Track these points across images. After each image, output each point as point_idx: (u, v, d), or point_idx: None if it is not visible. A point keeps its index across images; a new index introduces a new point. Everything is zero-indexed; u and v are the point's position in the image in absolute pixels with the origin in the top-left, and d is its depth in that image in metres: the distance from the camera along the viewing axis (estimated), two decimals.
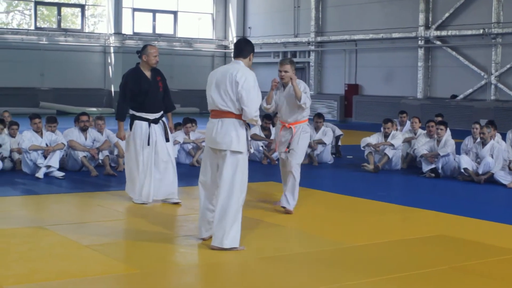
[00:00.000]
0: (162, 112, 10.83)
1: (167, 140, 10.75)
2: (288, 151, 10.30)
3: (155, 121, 10.69)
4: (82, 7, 36.33)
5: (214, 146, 7.98)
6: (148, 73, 10.74)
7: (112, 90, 34.79)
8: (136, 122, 10.64)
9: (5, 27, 35.19)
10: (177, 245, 8.11)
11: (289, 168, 10.21)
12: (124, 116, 10.90)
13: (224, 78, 7.93)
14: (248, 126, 8.03)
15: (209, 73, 8.43)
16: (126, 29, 36.42)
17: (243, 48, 8.25)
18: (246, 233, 8.22)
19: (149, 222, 9.38)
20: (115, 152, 14.45)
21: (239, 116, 7.88)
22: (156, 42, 36.47)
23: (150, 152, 10.60)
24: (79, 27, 36.16)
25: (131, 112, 10.75)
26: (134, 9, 37.10)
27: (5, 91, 31.84)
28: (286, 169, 10.32)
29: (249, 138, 7.99)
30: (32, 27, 34.81)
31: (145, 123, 10.62)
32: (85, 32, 35.64)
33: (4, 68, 32.25)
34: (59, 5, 35.98)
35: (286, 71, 10.10)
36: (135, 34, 36.87)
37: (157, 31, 37.83)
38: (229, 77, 7.89)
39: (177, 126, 16.09)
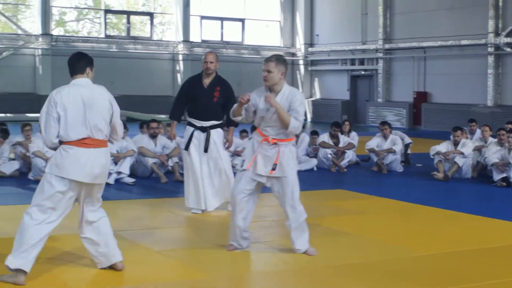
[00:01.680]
0: (213, 122, 10.46)
1: (205, 150, 10.33)
2: (274, 177, 7.86)
3: (202, 129, 10.41)
4: (150, 15, 36.70)
5: None
6: (206, 81, 10.56)
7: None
8: (187, 127, 10.62)
9: (75, 35, 35.73)
10: (246, 251, 8.12)
11: (286, 205, 7.95)
12: (175, 116, 10.87)
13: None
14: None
15: None
16: (194, 37, 36.68)
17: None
18: (315, 241, 8.19)
19: (216, 228, 9.41)
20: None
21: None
22: (223, 50, 36.67)
23: (202, 158, 10.40)
24: (148, 35, 36.53)
25: (187, 117, 10.71)
26: (202, 17, 37.34)
27: None
28: (281, 206, 8.08)
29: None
30: (102, 35, 35.29)
31: (191, 129, 10.51)
32: (153, 40, 36.00)
33: (68, 75, 32.63)
34: (128, 13, 36.44)
35: (269, 71, 7.87)
36: (203, 41, 37.11)
37: (225, 39, 38.01)
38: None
39: (242, 133, 16.16)
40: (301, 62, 38.84)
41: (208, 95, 10.45)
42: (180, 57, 35.68)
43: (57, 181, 6.64)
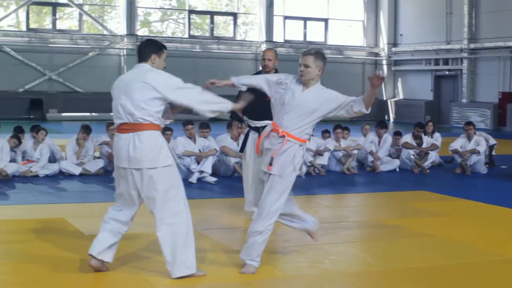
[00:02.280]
0: (267, 122, 9.05)
1: None
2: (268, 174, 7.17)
3: (256, 129, 9.85)
4: (234, 15, 36.92)
5: None
6: None
7: None
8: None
9: (160, 35, 36.15)
10: (327, 251, 8.10)
11: (260, 207, 7.16)
12: (235, 116, 10.09)
13: None
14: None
15: (359, 80, 7.98)
16: (278, 37, 36.75)
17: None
18: (397, 242, 8.13)
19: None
20: None
21: None
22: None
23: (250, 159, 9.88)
24: (231, 35, 36.76)
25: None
26: (286, 17, 37.40)
27: None
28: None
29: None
30: (186, 35, 35.64)
31: (246, 129, 10.29)
32: (237, 40, 36.20)
33: None
34: (212, 14, 36.72)
35: (306, 65, 7.16)
36: (286, 41, 37.15)
37: (308, 39, 37.99)
38: None
39: (324, 133, 16.12)
40: (384, 62, 38.55)
41: (262, 93, 9.90)
42: None
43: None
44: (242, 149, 10.18)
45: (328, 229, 9.39)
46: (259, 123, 9.74)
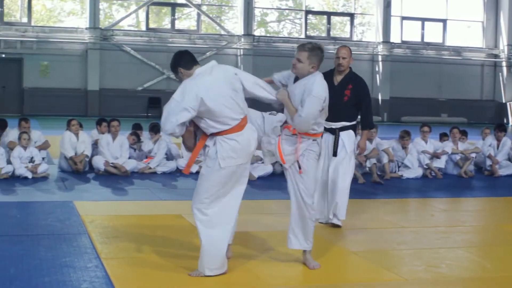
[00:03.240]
0: (344, 123, 9.19)
1: (334, 154, 9.18)
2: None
3: (331, 131, 9.22)
4: (351, 16, 36.79)
5: None
6: (338, 77, 9.43)
7: (379, 98, 34.98)
8: None
9: (276, 35, 36.33)
10: (443, 256, 7.98)
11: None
12: None
13: None
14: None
15: (477, 83, 7.79)
16: (395, 38, 36.43)
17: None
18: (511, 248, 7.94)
19: (406, 232, 9.31)
20: (384, 160, 14.36)
21: None
22: (424, 51, 36.27)
23: (331, 163, 9.28)
24: (347, 36, 36.64)
25: None
26: (403, 18, 37.03)
27: None
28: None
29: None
30: (303, 36, 35.69)
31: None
32: (353, 41, 36.05)
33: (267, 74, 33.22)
34: (329, 14, 36.68)
35: (299, 60, 7.08)
36: (403, 42, 36.81)
37: (425, 40, 37.51)
38: None
39: (443, 136, 15.89)
40: (504, 64, 37.71)
41: (338, 93, 9.26)
42: (380, 58, 35.54)
43: None
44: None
45: (444, 233, 9.25)
46: (334, 125, 9.20)
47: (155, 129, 14.77)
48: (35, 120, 23.53)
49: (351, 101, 9.28)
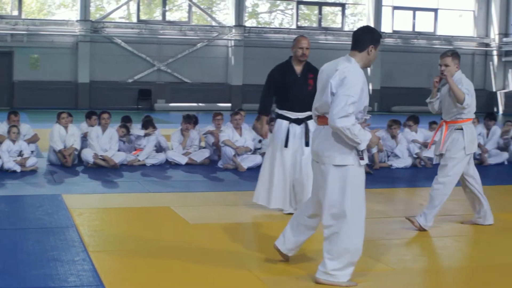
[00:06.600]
0: (309, 113, 8.69)
1: (307, 144, 9.09)
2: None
3: (297, 121, 9.34)
4: (342, 6, 36.75)
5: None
6: (298, 68, 9.50)
7: (370, 88, 35.00)
8: (277, 120, 9.54)
9: (267, 26, 36.30)
10: (431, 245, 7.98)
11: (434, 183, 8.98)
12: (266, 110, 9.80)
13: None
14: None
15: (468, 72, 8.08)
16: (386, 27, 36.41)
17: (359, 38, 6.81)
18: (499, 237, 7.95)
19: (394, 221, 9.31)
20: (374, 150, 14.19)
21: None
22: (415, 40, 36.29)
23: (288, 154, 9.35)
24: (339, 26, 36.61)
25: (276, 110, 9.70)
26: (394, 7, 37.02)
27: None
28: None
29: None
30: (294, 26, 35.66)
31: (285, 122, 9.42)
32: (345, 31, 36.00)
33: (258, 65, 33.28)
34: (320, 4, 36.62)
35: (446, 65, 8.97)
36: (394, 32, 36.80)
37: (417, 29, 37.51)
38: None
39: (432, 124, 15.86)
40: (494, 52, 37.74)
41: (302, 83, 9.36)
42: None
43: None
44: (287, 144, 9.38)
45: (433, 222, 9.26)
46: (301, 115, 9.31)
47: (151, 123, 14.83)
48: (24, 114, 23.49)
49: (314, 90, 8.72)
